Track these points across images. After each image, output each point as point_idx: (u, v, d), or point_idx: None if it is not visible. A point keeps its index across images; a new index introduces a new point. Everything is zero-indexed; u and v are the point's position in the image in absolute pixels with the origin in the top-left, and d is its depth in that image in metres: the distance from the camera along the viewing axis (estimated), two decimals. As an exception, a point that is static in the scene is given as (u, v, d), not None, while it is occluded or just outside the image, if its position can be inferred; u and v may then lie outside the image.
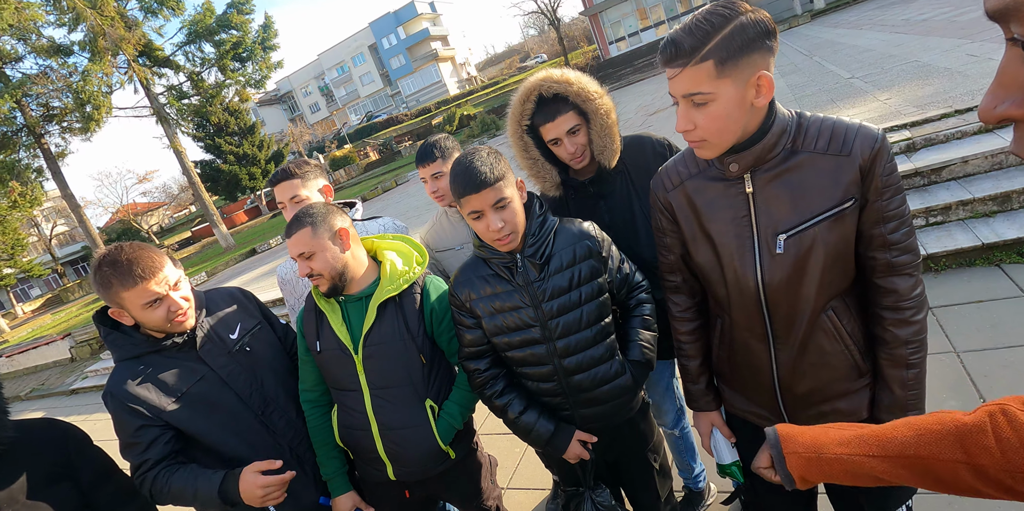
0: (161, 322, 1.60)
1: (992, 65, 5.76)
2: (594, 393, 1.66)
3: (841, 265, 1.24)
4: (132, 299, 1.55)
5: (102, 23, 17.44)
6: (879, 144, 1.16)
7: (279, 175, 2.15)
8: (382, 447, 1.76)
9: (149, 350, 1.66)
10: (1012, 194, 3.80)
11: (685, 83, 1.10)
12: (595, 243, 1.64)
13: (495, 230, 1.52)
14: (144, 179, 44.08)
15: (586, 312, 1.61)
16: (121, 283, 1.52)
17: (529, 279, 1.60)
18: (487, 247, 1.61)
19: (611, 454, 1.80)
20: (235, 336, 1.79)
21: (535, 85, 1.84)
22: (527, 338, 1.63)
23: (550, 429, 1.67)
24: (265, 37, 21.40)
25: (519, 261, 1.60)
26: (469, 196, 1.50)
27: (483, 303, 1.64)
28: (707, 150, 1.20)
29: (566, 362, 1.63)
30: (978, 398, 2.56)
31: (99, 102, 18.38)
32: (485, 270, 1.66)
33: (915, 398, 1.30)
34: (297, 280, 2.41)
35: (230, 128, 29.46)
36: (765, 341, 1.34)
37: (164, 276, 1.59)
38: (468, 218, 1.56)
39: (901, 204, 1.20)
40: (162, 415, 1.61)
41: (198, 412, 1.66)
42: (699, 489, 2.55)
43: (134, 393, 1.60)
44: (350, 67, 61.49)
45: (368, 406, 1.74)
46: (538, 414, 1.68)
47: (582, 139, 1.87)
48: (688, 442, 2.44)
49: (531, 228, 1.60)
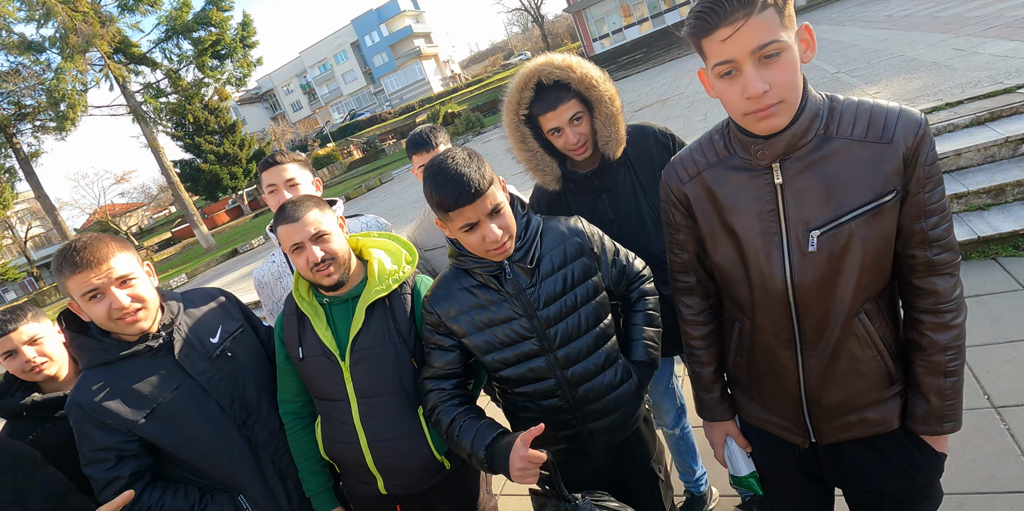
0: (103, 319, 1.47)
1: (979, 59, 5.77)
2: (601, 403, 1.52)
3: (880, 265, 1.14)
4: (73, 289, 1.45)
5: (74, 19, 16.99)
6: (923, 130, 1.05)
7: (273, 158, 2.07)
8: (372, 460, 1.63)
9: (120, 356, 1.53)
10: (1006, 187, 3.77)
11: (755, 34, 0.97)
12: (585, 239, 1.52)
13: (493, 240, 1.36)
14: (122, 179, 42.83)
15: (584, 315, 1.48)
16: (64, 270, 1.44)
17: (520, 286, 1.45)
18: (469, 255, 1.45)
19: (616, 470, 1.66)
20: (215, 340, 1.68)
21: (534, 71, 1.72)
22: (524, 352, 1.48)
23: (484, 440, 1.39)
24: (245, 35, 21.03)
25: (507, 267, 1.44)
26: (462, 208, 1.33)
27: (468, 317, 1.47)
28: (781, 116, 1.06)
29: (569, 373, 1.49)
30: (983, 395, 2.51)
31: (74, 100, 17.97)
32: (468, 281, 1.49)
33: (952, 408, 1.20)
34: (276, 283, 2.28)
35: (210, 127, 28.95)
36: (792, 347, 1.22)
37: (109, 268, 1.45)
38: (458, 233, 1.39)
39: (942, 197, 1.10)
40: (134, 429, 1.50)
41: (174, 425, 1.54)
42: (700, 493, 2.44)
43: (104, 406, 1.48)
44: (332, 65, 60.95)
45: (356, 417, 1.61)
46: (475, 423, 1.44)
47: (585, 128, 1.75)
48: (689, 442, 2.34)
49: (517, 231, 1.45)
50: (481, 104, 33.84)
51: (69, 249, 1.44)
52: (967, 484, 2.13)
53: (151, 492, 1.53)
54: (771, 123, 1.06)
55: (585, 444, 1.56)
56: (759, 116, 1.05)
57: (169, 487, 1.56)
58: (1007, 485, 2.07)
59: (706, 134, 1.28)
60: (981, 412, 2.42)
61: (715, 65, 1.03)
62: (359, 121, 47.48)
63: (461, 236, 1.40)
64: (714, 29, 0.99)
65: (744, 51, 0.99)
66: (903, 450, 1.26)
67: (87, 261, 1.42)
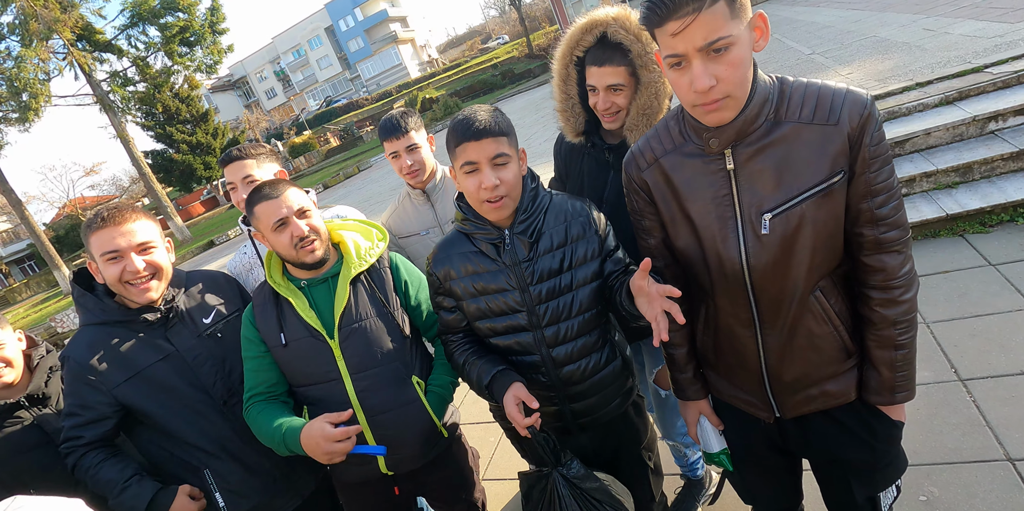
0: (115, 280, 1.56)
1: (948, 39, 5.83)
2: (585, 385, 1.52)
3: (831, 244, 1.16)
4: (95, 246, 1.56)
5: (34, 4, 16.36)
6: (868, 110, 1.07)
7: (231, 155, 2.06)
8: (372, 436, 1.62)
9: (117, 319, 1.62)
10: (973, 165, 3.84)
11: (704, 29, 0.96)
12: (591, 222, 1.49)
13: (488, 187, 1.36)
14: (91, 171, 41.71)
15: (579, 297, 1.47)
16: (91, 225, 1.57)
17: (517, 259, 1.45)
18: (472, 220, 1.46)
19: (605, 452, 1.67)
20: (208, 320, 1.74)
21: (605, 21, 1.65)
22: (512, 324, 1.49)
23: (490, 373, 1.47)
24: (214, 20, 20.45)
25: (508, 237, 1.44)
26: (467, 143, 1.35)
27: (464, 283, 1.50)
28: (728, 110, 1.07)
29: (555, 352, 1.49)
30: (950, 368, 2.58)
31: (36, 90, 17.39)
32: (468, 246, 1.50)
33: (904, 379, 1.24)
34: (247, 274, 2.25)
35: (181, 116, 28.26)
36: (751, 327, 1.25)
37: (130, 230, 1.57)
38: (459, 172, 1.40)
39: (889, 176, 1.12)
40: (114, 391, 1.58)
41: (152, 391, 1.60)
42: (697, 477, 2.40)
43: (91, 364, 1.57)
44: (307, 50, 59.70)
45: (351, 394, 1.60)
46: (484, 361, 1.51)
47: (622, 101, 1.68)
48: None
49: (523, 203, 1.45)
50: (460, 89, 33.50)
51: (102, 209, 1.59)
52: (934, 455, 2.19)
53: (94, 455, 1.59)
54: (718, 116, 1.08)
55: (568, 422, 1.57)
56: (707, 109, 1.06)
57: (110, 458, 1.60)
58: (973, 455, 2.15)
59: (662, 121, 1.28)
60: (948, 385, 2.49)
61: (666, 56, 1.04)
62: (336, 108, 46.72)
63: (461, 179, 1.41)
64: (664, 22, 0.99)
65: (692, 47, 0.99)
66: (862, 420, 1.30)
67: (109, 220, 1.55)
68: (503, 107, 25.24)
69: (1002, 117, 3.93)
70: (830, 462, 1.39)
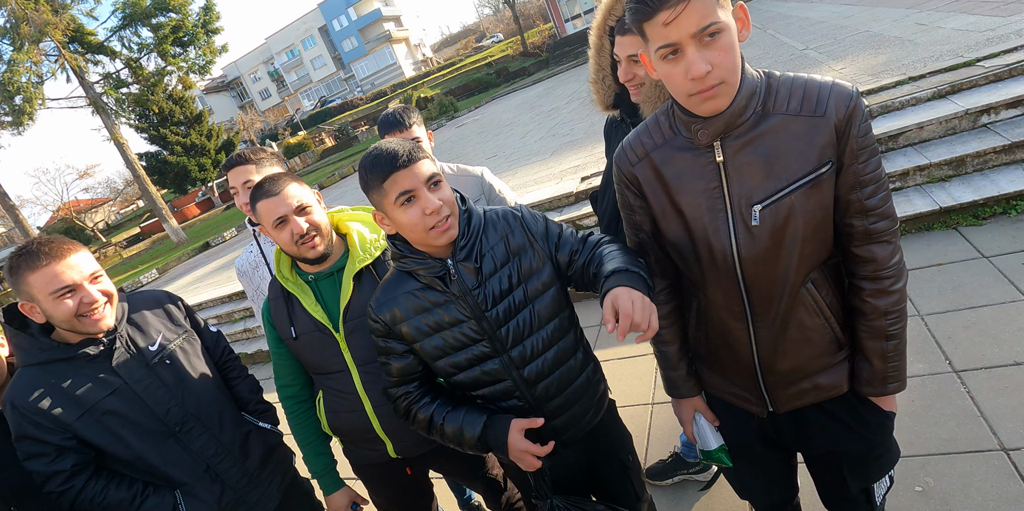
0: (69, 315, 1.47)
1: (940, 33, 5.85)
2: (562, 397, 1.47)
3: (821, 235, 1.17)
4: (39, 285, 1.44)
5: (24, 7, 16.26)
6: (853, 102, 1.08)
7: (233, 160, 2.09)
8: (379, 425, 1.67)
9: (57, 358, 1.53)
10: (966, 158, 3.85)
11: (697, 15, 0.98)
12: (526, 226, 1.42)
13: (434, 209, 1.28)
14: (85, 174, 41.21)
15: (537, 309, 1.40)
16: (28, 265, 1.44)
17: (467, 287, 1.37)
18: (410, 256, 1.37)
19: (590, 466, 1.64)
20: (154, 348, 1.67)
21: None
22: (475, 355, 1.41)
23: (480, 421, 1.41)
24: (207, 20, 20.35)
25: (452, 267, 1.36)
26: (396, 174, 1.26)
27: (415, 322, 1.40)
28: (723, 97, 1.07)
29: (526, 372, 1.42)
30: (944, 360, 2.59)
31: (30, 93, 17.28)
32: (412, 284, 1.41)
33: (895, 370, 1.25)
34: (253, 272, 2.31)
35: (175, 117, 28.09)
36: (743, 320, 1.25)
37: (76, 263, 1.48)
38: (394, 208, 1.29)
39: (877, 167, 1.13)
40: (68, 429, 1.52)
41: (107, 426, 1.55)
42: (693, 461, 2.46)
43: (37, 406, 1.49)
44: (300, 51, 59.45)
45: (358, 385, 1.65)
46: (464, 411, 1.45)
47: (641, 72, 1.61)
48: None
49: (460, 228, 1.36)
50: (454, 88, 33.44)
51: (29, 247, 1.45)
52: (929, 446, 2.21)
53: (95, 483, 1.54)
54: (714, 104, 1.08)
55: (551, 441, 1.49)
56: (703, 96, 1.06)
57: (113, 479, 1.57)
58: (967, 445, 2.16)
59: (652, 116, 1.29)
60: (943, 377, 2.51)
61: (658, 48, 1.04)
62: (330, 108, 46.58)
63: (399, 214, 1.30)
64: (655, 13, 1.00)
65: (686, 33, 1.00)
66: (854, 411, 1.31)
67: (53, 254, 1.44)
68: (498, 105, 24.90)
69: (994, 110, 3.94)
70: (824, 455, 1.40)
